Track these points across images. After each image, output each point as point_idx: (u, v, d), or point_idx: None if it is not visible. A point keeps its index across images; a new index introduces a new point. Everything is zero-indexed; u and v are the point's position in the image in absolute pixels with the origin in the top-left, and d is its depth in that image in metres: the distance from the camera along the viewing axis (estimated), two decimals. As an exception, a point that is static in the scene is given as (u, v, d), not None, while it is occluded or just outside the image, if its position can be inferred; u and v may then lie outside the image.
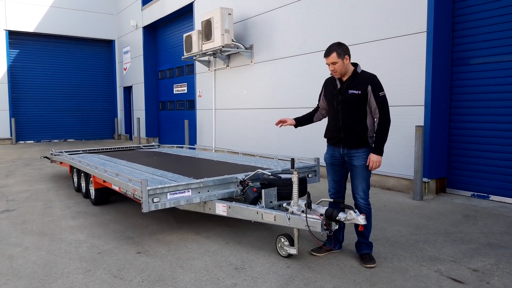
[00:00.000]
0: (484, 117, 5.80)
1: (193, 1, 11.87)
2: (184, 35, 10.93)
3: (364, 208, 3.50)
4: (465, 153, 6.06)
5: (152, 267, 3.48)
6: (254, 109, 9.65)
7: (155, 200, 3.81)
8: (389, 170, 6.44)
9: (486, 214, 5.03)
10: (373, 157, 3.42)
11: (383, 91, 3.41)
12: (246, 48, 9.58)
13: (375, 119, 3.46)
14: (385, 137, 3.42)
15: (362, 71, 3.50)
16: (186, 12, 12.88)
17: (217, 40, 9.36)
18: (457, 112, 6.12)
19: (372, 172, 3.55)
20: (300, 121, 3.95)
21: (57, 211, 5.46)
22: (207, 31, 9.67)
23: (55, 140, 17.49)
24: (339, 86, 3.52)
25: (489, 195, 5.76)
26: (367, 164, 3.46)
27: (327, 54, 3.43)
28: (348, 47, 3.51)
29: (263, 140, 9.35)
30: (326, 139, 3.74)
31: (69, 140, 17.79)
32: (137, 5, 15.75)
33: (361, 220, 3.17)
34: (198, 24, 11.30)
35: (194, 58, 10.99)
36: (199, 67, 11.85)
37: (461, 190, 6.09)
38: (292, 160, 3.61)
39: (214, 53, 10.09)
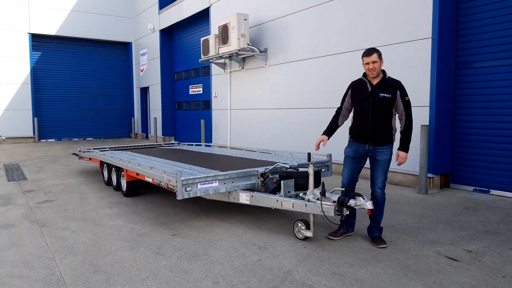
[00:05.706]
0: (486, 117, 6.23)
1: (210, 6, 12.42)
2: (202, 39, 11.49)
3: (381, 197, 3.98)
4: (468, 151, 6.49)
5: (187, 246, 4.01)
6: (268, 109, 10.16)
7: (187, 189, 4.34)
8: (397, 167, 6.86)
9: (485, 206, 5.48)
10: (402, 154, 3.91)
11: (408, 96, 3.83)
12: (260, 52, 10.09)
13: (401, 121, 3.88)
14: (410, 137, 3.90)
15: (389, 77, 3.90)
16: (202, 16, 13.44)
17: (234, 44, 9.90)
18: (461, 113, 6.55)
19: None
20: (330, 132, 4.18)
21: (93, 202, 6.04)
22: (224, 35, 10.22)
23: (75, 139, 18.23)
24: (369, 89, 3.83)
25: (490, 190, 6.19)
26: (396, 161, 3.91)
27: (369, 53, 3.73)
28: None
29: (276, 138, 9.85)
30: (350, 135, 4.06)
31: (88, 138, 18.51)
32: (154, 9, 16.37)
33: (369, 205, 3.65)
34: (214, 28, 11.86)
35: (210, 60, 11.54)
36: (215, 69, 12.39)
37: (464, 185, 6.53)
38: (309, 154, 4.10)
39: (230, 56, 10.63)
